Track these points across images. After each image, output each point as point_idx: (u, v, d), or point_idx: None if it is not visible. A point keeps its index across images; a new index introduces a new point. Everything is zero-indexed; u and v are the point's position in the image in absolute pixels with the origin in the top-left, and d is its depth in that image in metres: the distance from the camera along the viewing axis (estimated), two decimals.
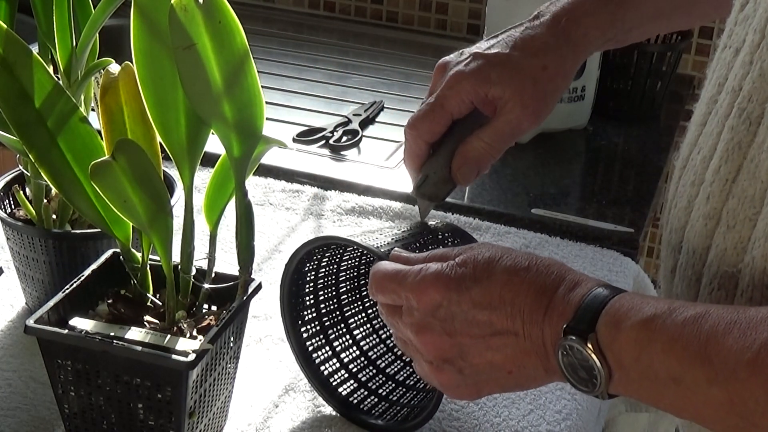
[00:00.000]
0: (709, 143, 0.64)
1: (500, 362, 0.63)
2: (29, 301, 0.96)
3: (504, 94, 0.76)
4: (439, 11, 1.88)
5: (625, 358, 0.57)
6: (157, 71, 0.73)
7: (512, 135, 0.78)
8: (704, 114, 0.66)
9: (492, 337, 0.63)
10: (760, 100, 0.59)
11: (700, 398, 0.54)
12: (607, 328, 0.58)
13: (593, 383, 0.59)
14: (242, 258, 0.78)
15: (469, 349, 0.64)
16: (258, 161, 0.76)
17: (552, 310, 0.61)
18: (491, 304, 0.62)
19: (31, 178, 0.91)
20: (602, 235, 1.17)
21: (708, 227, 0.62)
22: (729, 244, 0.60)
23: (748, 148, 0.60)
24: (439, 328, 0.64)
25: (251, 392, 0.88)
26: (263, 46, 1.76)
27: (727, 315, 0.54)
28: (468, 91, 0.77)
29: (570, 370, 0.60)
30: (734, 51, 0.64)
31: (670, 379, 0.55)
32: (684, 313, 0.55)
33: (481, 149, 0.78)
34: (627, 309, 0.58)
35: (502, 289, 0.62)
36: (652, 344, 0.55)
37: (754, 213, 0.59)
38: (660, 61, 1.48)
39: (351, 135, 1.39)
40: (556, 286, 0.61)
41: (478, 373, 0.64)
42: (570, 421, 0.88)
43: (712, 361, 0.52)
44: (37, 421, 0.82)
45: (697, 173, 0.65)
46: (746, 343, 0.51)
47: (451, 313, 0.64)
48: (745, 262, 0.59)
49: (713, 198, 0.62)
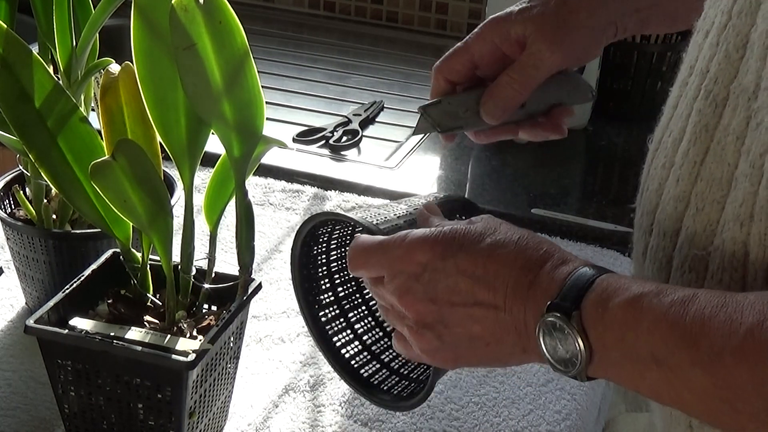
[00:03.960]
0: (678, 126, 0.64)
1: (479, 333, 0.63)
2: (29, 301, 0.96)
3: (526, 30, 0.77)
4: (439, 11, 1.88)
5: (609, 337, 0.56)
6: (157, 71, 0.73)
7: (536, 68, 0.78)
8: (676, 97, 0.66)
9: (473, 307, 0.62)
10: (725, 82, 0.59)
11: (683, 381, 0.53)
12: (592, 306, 0.57)
13: (573, 363, 0.58)
14: (242, 258, 0.78)
15: (449, 317, 0.63)
16: (258, 161, 0.76)
17: (536, 286, 0.60)
18: (474, 274, 0.62)
19: (31, 178, 0.91)
20: (602, 235, 1.17)
21: (678, 210, 0.62)
22: (699, 227, 0.60)
23: (715, 131, 0.60)
24: (421, 293, 0.64)
25: (251, 392, 0.88)
26: (263, 46, 1.76)
27: (714, 299, 0.53)
28: (490, 30, 0.78)
29: (550, 348, 0.59)
30: (704, 33, 0.64)
31: (652, 360, 0.54)
32: (671, 295, 0.55)
33: (506, 84, 0.78)
34: (614, 288, 0.57)
35: (487, 259, 0.62)
36: (637, 323, 0.55)
37: (722, 196, 0.59)
38: (660, 61, 1.48)
39: (351, 135, 1.39)
40: (542, 262, 0.61)
41: (456, 341, 0.64)
42: (570, 421, 0.88)
43: (697, 343, 0.52)
44: (37, 421, 0.82)
45: (668, 156, 0.64)
46: (732, 328, 0.51)
47: (435, 278, 0.63)
48: (715, 245, 0.59)
49: (682, 181, 0.62)
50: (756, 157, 0.56)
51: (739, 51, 0.59)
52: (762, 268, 0.56)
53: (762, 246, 0.56)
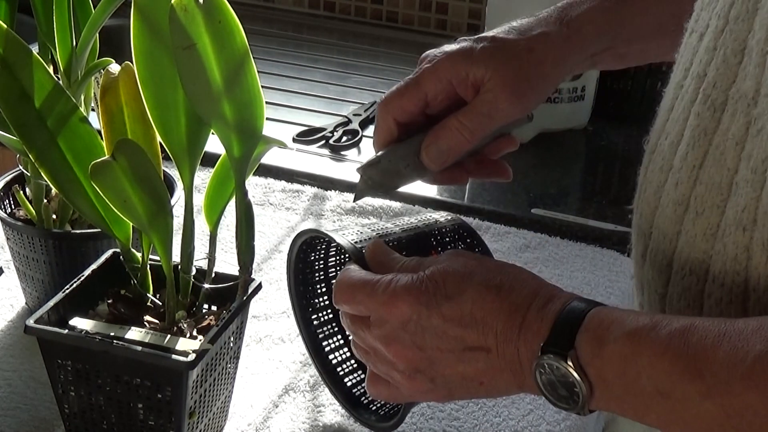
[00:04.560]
0: (676, 129, 0.64)
1: (472, 374, 0.62)
2: (29, 301, 0.96)
3: (486, 75, 0.71)
4: (439, 11, 1.88)
5: (609, 373, 0.56)
6: (157, 71, 0.73)
7: (489, 117, 0.72)
8: (671, 99, 0.66)
9: (463, 352, 0.61)
10: (724, 87, 0.59)
11: (692, 412, 0.53)
12: (588, 343, 0.56)
13: (574, 400, 0.57)
14: (242, 258, 0.78)
15: (439, 361, 0.62)
16: (258, 161, 0.76)
17: (526, 328, 0.59)
18: (462, 321, 0.61)
19: (31, 178, 0.91)
20: (602, 235, 1.17)
21: (677, 213, 0.62)
22: (699, 231, 0.60)
23: (714, 135, 0.60)
24: (409, 341, 0.63)
25: (251, 392, 0.88)
26: (263, 46, 1.76)
27: (714, 327, 0.53)
28: (447, 68, 0.72)
29: (549, 387, 0.58)
30: (699, 36, 0.63)
31: (657, 393, 0.54)
32: (668, 327, 0.54)
33: (454, 128, 0.72)
34: (608, 323, 0.56)
35: (473, 306, 0.61)
36: (637, 358, 0.54)
37: (722, 200, 0.59)
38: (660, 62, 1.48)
39: (351, 135, 1.39)
40: (529, 303, 0.60)
41: (449, 382, 0.63)
42: (570, 421, 0.88)
43: (703, 375, 0.52)
44: (37, 421, 0.82)
45: (666, 159, 0.64)
46: (739, 357, 0.50)
47: (422, 327, 0.62)
48: (716, 249, 0.59)
49: (681, 184, 0.62)
50: (758, 164, 0.56)
51: (737, 56, 0.59)
52: (765, 274, 0.56)
53: (765, 251, 0.56)
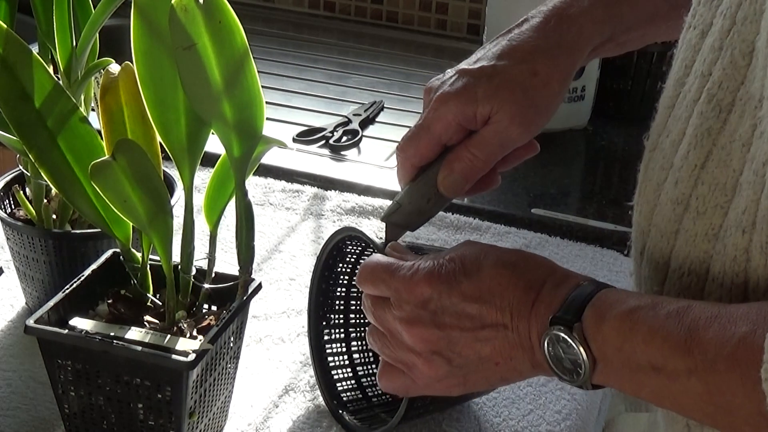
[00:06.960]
0: (677, 127, 0.64)
1: (488, 354, 0.64)
2: (29, 301, 0.96)
3: (491, 110, 0.72)
4: (439, 11, 1.88)
5: (608, 347, 0.58)
6: (157, 71, 0.73)
7: (501, 146, 0.74)
8: (672, 96, 0.66)
9: (481, 330, 0.64)
10: (731, 88, 0.59)
11: (680, 388, 0.55)
12: (592, 318, 0.59)
13: (578, 373, 0.60)
14: (242, 258, 0.78)
15: (458, 340, 0.65)
16: (258, 161, 0.76)
17: (539, 303, 0.62)
18: (481, 297, 0.64)
19: (31, 178, 0.91)
20: (602, 235, 1.17)
21: (676, 212, 0.62)
22: (699, 230, 0.61)
23: (718, 135, 0.60)
24: (429, 321, 0.65)
25: (251, 392, 0.88)
26: (263, 46, 1.76)
27: (708, 309, 0.55)
28: (454, 112, 0.73)
29: (555, 360, 0.61)
30: (700, 33, 0.63)
31: (650, 368, 0.56)
32: (667, 307, 0.56)
33: (467, 160, 0.74)
34: (612, 301, 0.59)
35: (491, 282, 0.64)
36: (634, 334, 0.57)
37: (726, 201, 0.59)
38: (660, 62, 1.48)
39: (351, 135, 1.39)
40: (543, 281, 0.63)
41: (466, 364, 0.66)
42: (570, 421, 0.88)
43: (692, 352, 0.54)
44: (37, 421, 0.82)
45: (666, 157, 0.64)
46: (726, 337, 0.53)
47: (442, 306, 0.65)
48: (717, 249, 0.59)
49: (681, 183, 0.62)
50: (759, 166, 0.56)
51: (746, 58, 0.58)
52: (764, 276, 0.57)
53: (764, 254, 0.56)
